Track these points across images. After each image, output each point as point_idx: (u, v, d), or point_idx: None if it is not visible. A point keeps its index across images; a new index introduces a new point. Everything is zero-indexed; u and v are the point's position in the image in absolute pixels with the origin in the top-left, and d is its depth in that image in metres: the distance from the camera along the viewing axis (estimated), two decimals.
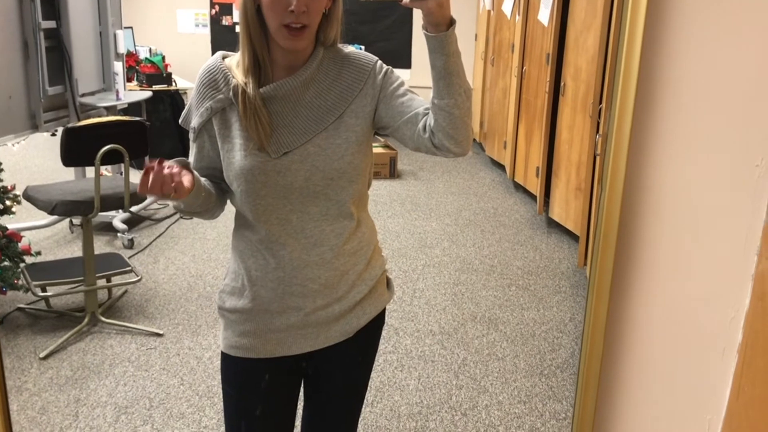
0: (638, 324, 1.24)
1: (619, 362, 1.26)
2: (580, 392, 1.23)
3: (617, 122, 1.18)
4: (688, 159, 1.12)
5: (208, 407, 2.70)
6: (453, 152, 1.36)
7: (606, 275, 1.18)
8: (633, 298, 1.24)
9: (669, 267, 1.17)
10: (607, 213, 1.17)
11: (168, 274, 3.95)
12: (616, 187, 1.17)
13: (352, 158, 1.41)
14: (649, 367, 1.22)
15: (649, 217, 1.19)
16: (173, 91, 6.12)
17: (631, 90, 1.16)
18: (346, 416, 1.66)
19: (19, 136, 4.05)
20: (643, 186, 1.19)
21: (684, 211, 1.13)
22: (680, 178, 1.14)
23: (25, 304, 3.44)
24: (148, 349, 3.13)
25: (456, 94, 1.31)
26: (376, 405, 2.74)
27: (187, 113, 1.47)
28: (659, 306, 1.19)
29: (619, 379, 1.27)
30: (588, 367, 1.22)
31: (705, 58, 1.11)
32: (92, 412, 2.66)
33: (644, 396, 1.23)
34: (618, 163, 1.17)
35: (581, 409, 1.23)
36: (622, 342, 1.25)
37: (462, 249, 4.45)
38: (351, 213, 1.45)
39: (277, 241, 1.42)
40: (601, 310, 1.19)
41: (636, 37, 1.15)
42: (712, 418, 1.00)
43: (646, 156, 1.19)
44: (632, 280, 1.24)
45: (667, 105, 1.17)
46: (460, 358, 3.12)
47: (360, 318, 1.52)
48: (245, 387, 1.51)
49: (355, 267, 1.49)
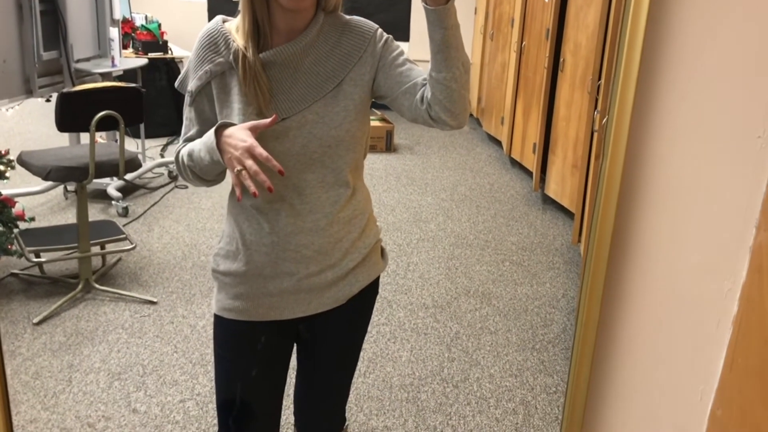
0: (634, 295, 1.25)
1: (614, 332, 1.27)
2: (574, 361, 1.24)
3: (619, 95, 1.17)
4: (689, 130, 1.12)
5: (201, 375, 2.72)
6: (449, 125, 1.36)
7: (604, 245, 1.19)
8: (629, 269, 1.24)
9: (666, 238, 1.17)
10: (607, 183, 1.17)
11: (162, 242, 3.95)
12: (616, 158, 1.17)
13: (350, 126, 1.40)
14: (643, 338, 1.23)
15: (647, 188, 1.19)
16: (169, 59, 6.07)
17: (634, 62, 1.15)
18: (338, 382, 1.67)
19: (14, 100, 4.01)
20: (642, 157, 1.19)
21: (683, 183, 1.13)
22: (680, 149, 1.14)
23: (19, 270, 3.44)
24: (141, 316, 3.14)
25: (454, 67, 1.30)
26: (369, 375, 2.76)
27: (184, 77, 1.46)
28: (655, 277, 1.20)
29: (613, 348, 1.28)
30: (583, 337, 1.23)
31: (708, 30, 1.10)
32: (85, 378, 2.67)
33: (637, 366, 1.24)
34: (620, 133, 1.16)
35: (575, 378, 1.24)
36: (616, 312, 1.25)
37: (457, 224, 4.45)
38: (347, 181, 1.45)
39: (272, 206, 1.42)
40: (598, 280, 1.20)
41: (641, 11, 1.14)
42: (704, 389, 1.00)
43: (646, 127, 1.19)
44: (629, 252, 1.24)
45: (669, 77, 1.16)
46: (453, 331, 3.13)
47: (353, 285, 1.52)
48: (241, 349, 1.51)
49: (349, 235, 1.49)
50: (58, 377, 2.67)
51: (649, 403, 1.17)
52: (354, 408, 2.55)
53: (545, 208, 4.77)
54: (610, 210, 1.16)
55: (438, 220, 4.51)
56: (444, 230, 4.34)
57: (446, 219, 4.53)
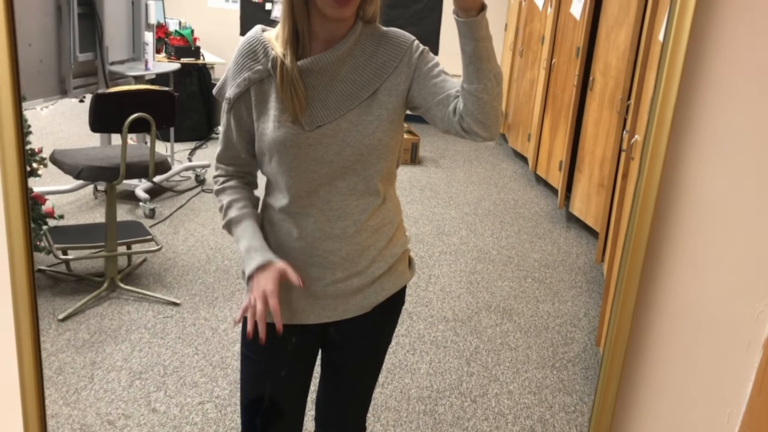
0: (664, 313, 1.24)
1: (642, 350, 1.26)
2: (602, 379, 1.23)
3: (658, 112, 1.17)
4: (724, 149, 1.12)
5: (221, 378, 2.73)
6: (481, 136, 1.36)
7: (636, 262, 1.18)
8: (660, 287, 1.24)
9: (699, 258, 1.16)
10: (642, 201, 1.17)
11: (187, 245, 3.99)
12: (652, 175, 1.17)
13: (383, 135, 1.41)
14: (672, 358, 1.22)
15: (681, 207, 1.19)
16: (201, 65, 6.15)
17: (674, 85, 1.15)
18: (360, 390, 1.68)
19: (48, 100, 4.08)
20: (678, 175, 1.19)
21: (717, 202, 1.13)
22: (715, 168, 1.14)
23: (46, 266, 3.49)
24: (164, 317, 3.17)
25: (485, 79, 1.30)
26: (387, 386, 2.76)
27: (223, 84, 1.48)
28: (687, 296, 1.19)
29: (641, 366, 1.27)
30: (612, 354, 1.22)
31: (748, 49, 1.10)
32: (107, 376, 2.70)
33: (665, 386, 1.23)
34: (656, 151, 1.16)
35: (602, 396, 1.23)
36: (646, 330, 1.24)
37: (480, 238, 4.44)
38: (378, 190, 1.46)
39: (302, 212, 1.44)
40: (630, 297, 1.19)
41: (683, 28, 1.14)
42: (732, 411, 1.00)
43: (683, 146, 1.19)
44: (661, 269, 1.23)
45: (707, 101, 1.16)
46: (473, 345, 3.12)
47: (378, 293, 1.53)
48: (269, 350, 1.52)
49: (376, 243, 1.50)
50: (81, 374, 2.70)
51: (676, 424, 1.16)
52: (371, 418, 2.55)
53: (569, 226, 4.74)
54: (644, 227, 1.16)
55: (461, 233, 4.51)
56: (467, 244, 4.33)
57: (469, 233, 4.53)
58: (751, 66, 1.09)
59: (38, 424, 1.35)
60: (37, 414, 1.34)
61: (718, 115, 1.14)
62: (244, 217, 1.48)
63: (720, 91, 1.14)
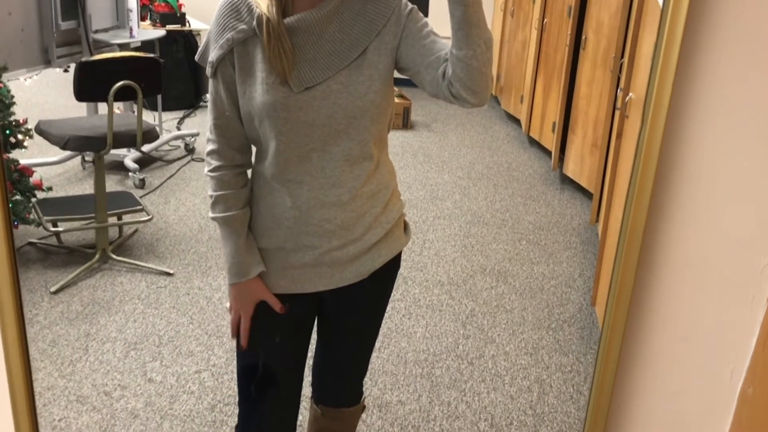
0: (667, 268, 1.22)
1: (645, 305, 1.24)
2: (605, 335, 1.22)
3: (661, 66, 1.13)
4: (728, 106, 1.09)
5: (217, 346, 2.72)
6: (470, 103, 1.33)
7: (639, 221, 1.16)
8: (663, 244, 1.21)
9: (702, 213, 1.14)
10: (644, 157, 1.14)
11: (179, 215, 3.95)
12: (655, 131, 1.13)
13: (375, 96, 1.37)
14: (675, 313, 1.21)
15: (684, 162, 1.16)
16: (187, 32, 6.03)
17: (677, 36, 1.11)
18: (358, 356, 1.67)
19: (32, 70, 4.00)
20: (680, 132, 1.16)
21: (721, 158, 1.10)
22: (720, 125, 1.11)
23: (37, 239, 3.45)
24: (158, 287, 3.15)
25: (475, 44, 1.26)
26: (383, 351, 2.76)
27: (205, 48, 1.42)
28: (689, 251, 1.17)
29: (644, 322, 1.26)
30: (615, 309, 1.20)
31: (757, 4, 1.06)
32: (102, 347, 2.69)
33: (668, 342, 1.22)
34: (659, 107, 1.12)
35: (605, 354, 1.22)
36: (649, 287, 1.23)
37: (473, 202, 4.42)
38: (371, 154, 1.42)
39: (295, 179, 1.40)
40: (632, 256, 1.17)
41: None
42: (735, 367, 0.99)
43: (686, 100, 1.15)
44: (663, 224, 1.21)
45: (712, 49, 1.13)
46: (468, 308, 3.12)
47: (375, 260, 1.51)
48: (264, 317, 1.50)
49: (372, 210, 1.47)
50: (75, 345, 2.69)
51: (678, 380, 1.15)
52: (368, 382, 2.55)
53: (563, 188, 4.73)
54: (647, 181, 1.13)
55: (455, 198, 4.49)
56: (460, 208, 4.31)
57: (463, 197, 4.50)
58: (757, 13, 1.06)
59: (26, 397, 1.33)
60: (24, 388, 1.32)
61: (723, 65, 1.11)
62: (230, 221, 1.44)
63: (725, 40, 1.11)
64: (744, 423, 0.99)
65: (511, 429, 2.37)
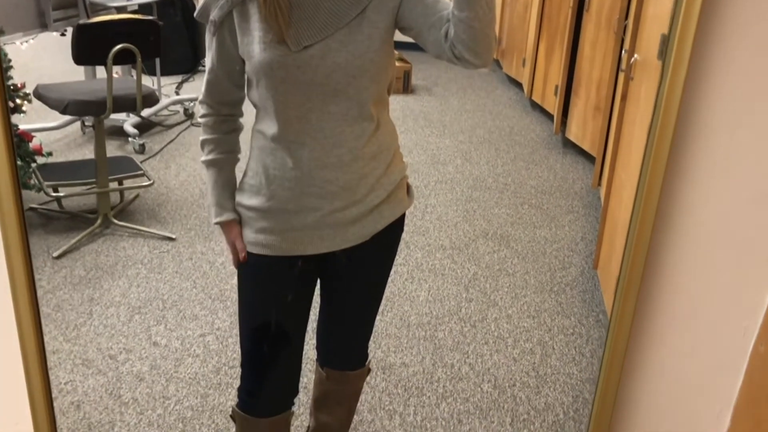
0: (683, 226, 1.21)
1: (660, 264, 1.23)
2: (620, 292, 1.22)
3: (683, 14, 1.10)
4: (751, 68, 1.06)
5: (221, 310, 2.74)
6: (473, 64, 1.31)
7: (656, 177, 1.14)
8: (680, 198, 1.20)
9: (718, 170, 1.13)
10: (664, 108, 1.12)
11: (179, 180, 3.94)
12: (676, 82, 1.11)
13: (374, 56, 1.36)
14: (690, 271, 1.20)
15: (703, 123, 1.14)
16: None
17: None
18: (362, 318, 1.67)
19: (28, 34, 3.96)
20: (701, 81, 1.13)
21: (740, 118, 1.08)
22: (741, 85, 1.09)
23: (38, 205, 3.45)
24: (160, 252, 3.15)
25: (477, 6, 1.24)
26: (387, 314, 2.77)
27: (205, 6, 1.41)
28: (706, 209, 1.16)
29: (659, 280, 1.25)
30: (631, 266, 1.20)
31: None
32: (106, 311, 2.70)
33: (681, 300, 1.22)
34: (680, 57, 1.10)
35: (619, 312, 1.22)
36: (663, 243, 1.21)
37: (475, 167, 4.40)
38: (371, 114, 1.41)
39: (296, 140, 1.39)
40: (650, 208, 1.16)
41: None
42: (748, 325, 0.98)
43: (709, 47, 1.12)
44: (680, 181, 1.19)
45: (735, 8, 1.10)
46: (471, 272, 3.13)
47: (377, 222, 1.50)
48: (273, 278, 1.50)
49: (374, 171, 1.46)
50: (79, 310, 2.70)
51: (691, 338, 1.15)
52: (372, 345, 2.55)
53: (565, 152, 4.70)
54: (666, 137, 1.12)
55: (456, 162, 4.46)
56: (462, 173, 4.29)
57: (464, 162, 4.48)
58: None
59: (38, 358, 1.34)
60: (36, 348, 1.33)
61: (748, 9, 1.08)
62: (210, 163, 1.51)
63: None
64: (755, 380, 0.99)
65: (514, 390, 2.39)
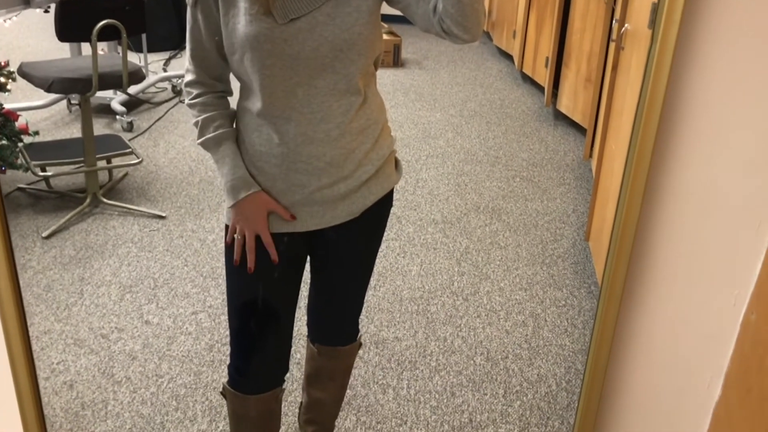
0: (674, 195, 1.21)
1: (649, 232, 1.23)
2: (610, 262, 1.22)
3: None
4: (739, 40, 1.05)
5: (213, 287, 2.73)
6: (462, 38, 1.30)
7: (647, 144, 1.13)
8: (671, 169, 1.19)
9: (710, 137, 1.12)
10: (654, 78, 1.11)
11: (168, 157, 3.91)
12: (666, 49, 1.10)
13: (362, 29, 1.33)
14: (682, 239, 1.20)
15: (692, 92, 1.13)
16: None
17: None
18: (353, 293, 1.67)
19: (11, 11, 3.89)
20: (691, 51, 1.11)
21: (729, 86, 1.07)
22: (730, 56, 1.07)
23: (26, 184, 3.41)
24: (150, 230, 3.13)
25: None
26: (379, 289, 2.77)
27: None
28: (697, 177, 1.16)
29: (649, 247, 1.25)
30: (621, 235, 1.20)
31: None
32: (97, 291, 2.69)
33: (671, 268, 1.22)
34: (670, 22, 1.09)
35: (610, 283, 1.21)
36: (655, 212, 1.21)
37: (466, 140, 4.39)
38: (358, 88, 1.39)
39: (281, 115, 1.37)
40: (639, 180, 1.15)
41: None
42: (739, 293, 0.98)
43: (700, 12, 1.11)
44: (670, 151, 1.18)
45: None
46: (462, 246, 3.13)
47: (366, 198, 1.49)
48: (258, 254, 1.48)
49: (361, 146, 1.44)
50: (70, 290, 2.68)
51: (682, 308, 1.15)
52: (365, 320, 2.56)
53: (557, 124, 4.69)
54: (656, 107, 1.10)
55: (447, 136, 4.45)
56: (453, 146, 4.28)
57: (456, 135, 4.46)
58: None
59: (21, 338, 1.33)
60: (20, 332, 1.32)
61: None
62: (223, 138, 1.43)
63: None
64: (746, 349, 0.99)
65: (507, 362, 2.40)
